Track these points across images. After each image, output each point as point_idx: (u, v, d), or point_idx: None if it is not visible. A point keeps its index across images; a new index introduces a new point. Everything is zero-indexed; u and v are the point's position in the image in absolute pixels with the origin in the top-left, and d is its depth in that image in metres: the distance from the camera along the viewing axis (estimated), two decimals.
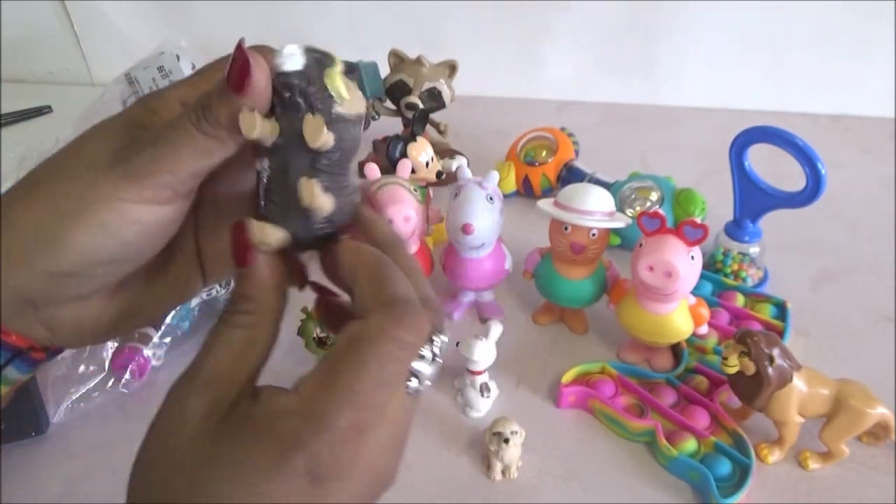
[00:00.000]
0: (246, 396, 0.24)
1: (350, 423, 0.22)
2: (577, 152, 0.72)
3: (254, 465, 0.22)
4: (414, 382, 0.25)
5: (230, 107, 0.24)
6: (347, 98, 0.24)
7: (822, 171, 0.50)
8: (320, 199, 0.25)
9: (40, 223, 0.24)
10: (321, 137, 0.24)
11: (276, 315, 0.26)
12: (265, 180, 0.25)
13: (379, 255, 0.25)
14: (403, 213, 0.47)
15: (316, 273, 0.28)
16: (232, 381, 0.24)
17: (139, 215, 0.25)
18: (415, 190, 0.49)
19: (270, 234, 0.25)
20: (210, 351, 0.25)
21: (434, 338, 0.25)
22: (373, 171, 0.50)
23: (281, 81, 0.24)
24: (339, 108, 0.24)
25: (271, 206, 0.25)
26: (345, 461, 0.22)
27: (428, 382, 0.25)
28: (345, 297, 0.28)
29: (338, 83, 0.24)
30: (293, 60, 0.24)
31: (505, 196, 0.71)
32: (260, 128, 0.24)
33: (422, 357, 0.25)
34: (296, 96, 0.24)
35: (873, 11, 0.81)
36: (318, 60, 0.24)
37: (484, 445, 0.43)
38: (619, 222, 0.49)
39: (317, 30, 0.97)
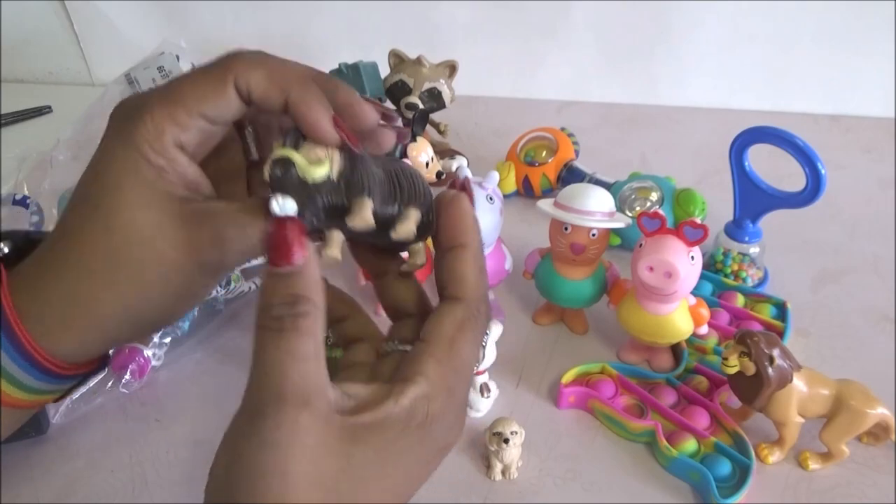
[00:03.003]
0: (341, 398, 0.24)
1: (466, 395, 0.27)
2: (577, 152, 0.72)
3: (416, 459, 0.25)
4: None
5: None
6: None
7: (822, 172, 0.50)
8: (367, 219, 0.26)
9: (133, 321, 0.28)
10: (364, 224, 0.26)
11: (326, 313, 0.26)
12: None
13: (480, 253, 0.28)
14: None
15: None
16: (324, 389, 0.24)
17: (213, 286, 0.30)
18: None
19: (335, 248, 0.26)
20: (288, 364, 0.23)
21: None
22: None
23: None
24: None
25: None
26: (458, 427, 0.27)
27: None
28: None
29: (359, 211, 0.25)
30: (285, 207, 0.24)
31: (505, 196, 0.71)
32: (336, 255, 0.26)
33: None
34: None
35: (873, 11, 0.81)
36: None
37: (484, 445, 0.43)
38: (619, 222, 0.49)
39: (317, 30, 0.97)
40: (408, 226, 0.27)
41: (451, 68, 0.74)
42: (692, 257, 0.44)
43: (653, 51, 0.90)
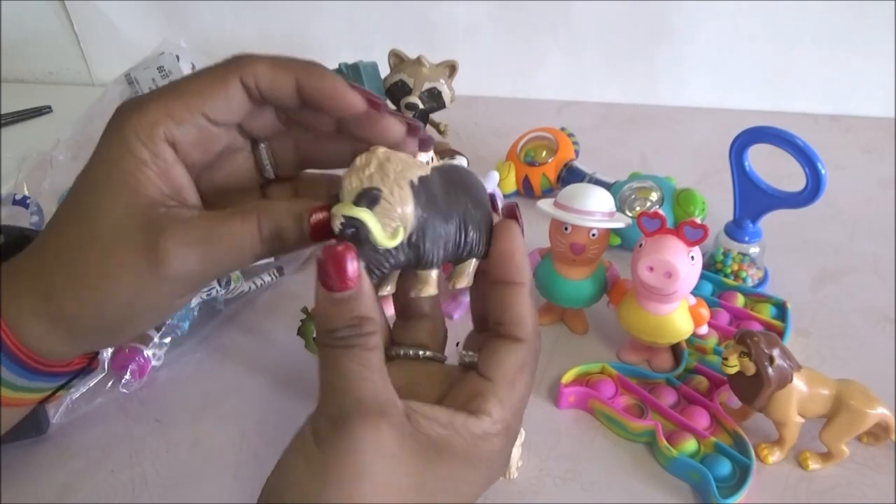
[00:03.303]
0: (408, 411, 0.25)
1: (518, 431, 0.29)
2: (577, 152, 0.72)
3: (470, 486, 0.27)
4: None
5: (302, 244, 0.26)
6: (386, 237, 0.25)
7: (822, 172, 0.50)
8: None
9: (94, 323, 0.27)
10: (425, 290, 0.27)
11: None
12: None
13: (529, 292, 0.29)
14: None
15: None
16: (395, 401, 0.25)
17: (183, 301, 0.28)
18: None
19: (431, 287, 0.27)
20: (365, 375, 0.24)
21: None
22: None
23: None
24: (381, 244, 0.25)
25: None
26: (507, 461, 0.29)
27: None
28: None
29: (376, 235, 0.25)
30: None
31: (505, 196, 0.71)
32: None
33: None
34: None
35: (873, 11, 0.81)
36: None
37: None
38: (619, 222, 0.49)
39: (317, 30, 0.97)
40: (465, 277, 0.28)
41: (451, 68, 0.74)
42: (692, 257, 0.44)
43: (653, 51, 0.90)
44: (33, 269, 0.27)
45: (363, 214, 0.24)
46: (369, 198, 0.25)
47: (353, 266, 0.24)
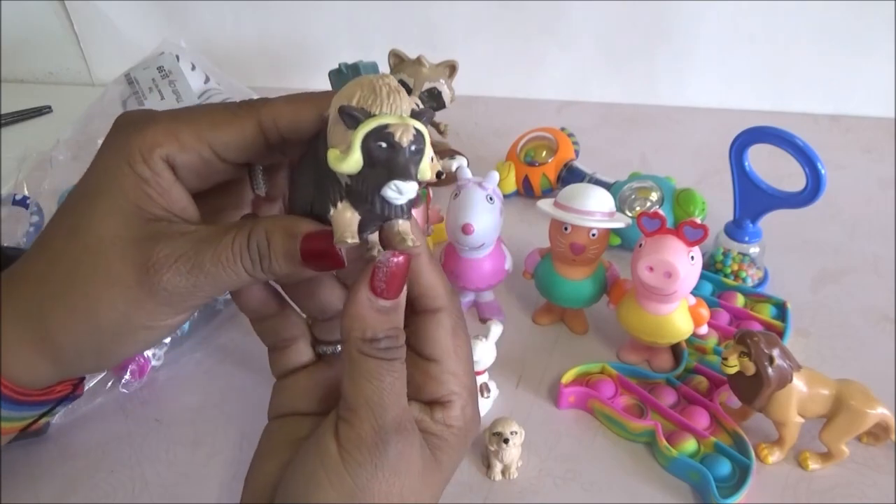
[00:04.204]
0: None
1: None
2: (577, 152, 0.72)
3: (458, 457, 0.28)
4: None
5: (295, 269, 0.25)
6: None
7: (822, 172, 0.50)
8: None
9: (81, 343, 0.26)
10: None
11: None
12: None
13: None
14: None
15: None
16: (412, 417, 0.26)
17: (174, 322, 0.27)
18: None
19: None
20: (401, 394, 0.25)
21: None
22: None
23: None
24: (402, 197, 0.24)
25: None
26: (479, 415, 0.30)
27: None
28: None
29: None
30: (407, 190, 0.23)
31: (505, 196, 0.71)
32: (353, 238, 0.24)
33: None
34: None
35: (873, 11, 0.81)
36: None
37: (484, 445, 0.43)
38: (619, 222, 0.49)
39: (317, 30, 0.97)
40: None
41: (451, 68, 0.74)
42: (692, 257, 0.44)
43: (653, 51, 0.90)
44: (19, 286, 0.26)
45: (425, 131, 0.23)
46: (428, 116, 0.24)
47: (406, 278, 0.24)
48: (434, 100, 0.73)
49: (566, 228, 0.48)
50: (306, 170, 0.26)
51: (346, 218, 0.23)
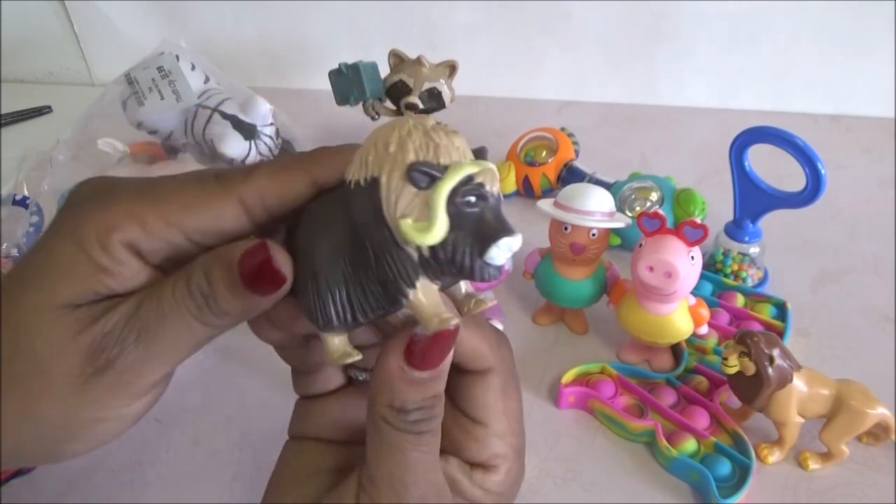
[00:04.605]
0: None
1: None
2: (577, 152, 0.72)
3: None
4: None
5: (244, 301, 0.21)
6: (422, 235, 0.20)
7: (822, 172, 0.50)
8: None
9: (24, 445, 0.22)
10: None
11: None
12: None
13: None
14: None
15: None
16: (448, 491, 0.24)
17: (133, 410, 0.23)
18: None
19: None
20: (430, 471, 0.22)
21: None
22: None
23: None
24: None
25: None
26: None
27: None
28: None
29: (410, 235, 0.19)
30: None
31: (505, 196, 0.71)
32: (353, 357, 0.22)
33: None
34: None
35: (873, 11, 0.81)
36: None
37: None
38: (619, 222, 0.49)
39: (317, 30, 0.97)
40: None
41: (451, 68, 0.74)
42: (692, 257, 0.44)
43: (653, 51, 0.90)
44: None
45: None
46: (483, 151, 0.22)
47: (453, 345, 0.21)
48: (434, 100, 0.73)
49: (566, 228, 0.48)
50: (326, 251, 0.21)
51: (435, 297, 0.20)
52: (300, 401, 0.28)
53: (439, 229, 0.19)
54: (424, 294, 0.20)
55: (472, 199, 0.19)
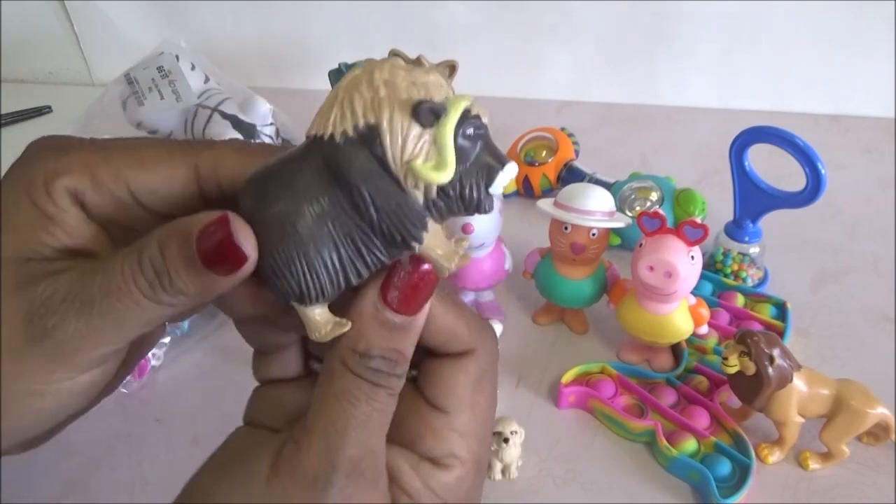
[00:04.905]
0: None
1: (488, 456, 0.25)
2: (577, 152, 0.72)
3: None
4: None
5: (201, 280, 0.19)
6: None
7: (822, 171, 0.50)
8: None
9: None
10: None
11: None
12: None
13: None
14: None
15: None
16: (383, 470, 0.21)
17: (75, 384, 0.21)
18: None
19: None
20: (373, 431, 0.20)
21: None
22: None
23: None
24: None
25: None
26: (481, 490, 0.25)
27: None
28: None
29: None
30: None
31: (505, 196, 0.71)
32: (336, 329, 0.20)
33: None
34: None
35: (873, 11, 0.81)
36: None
37: None
38: (619, 222, 0.49)
39: (317, 30, 0.97)
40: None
41: (451, 68, 0.74)
42: (692, 257, 0.44)
43: (653, 51, 0.90)
44: None
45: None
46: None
47: (432, 291, 0.20)
48: None
49: (566, 228, 0.48)
50: (308, 216, 0.19)
51: (443, 237, 0.20)
52: (258, 387, 0.26)
53: (452, 165, 0.18)
54: (434, 236, 0.19)
55: (472, 131, 0.19)
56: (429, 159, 0.18)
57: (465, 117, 0.19)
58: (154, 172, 0.21)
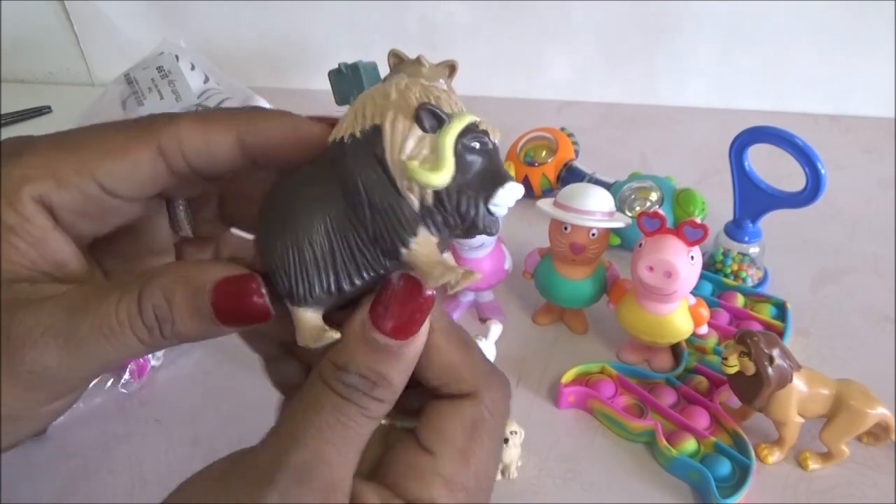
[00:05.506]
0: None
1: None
2: (577, 152, 0.72)
3: None
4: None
5: (210, 329, 0.19)
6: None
7: (822, 171, 0.50)
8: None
9: None
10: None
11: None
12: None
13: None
14: None
15: None
16: (348, 485, 0.19)
17: (53, 408, 0.20)
18: None
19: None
20: (333, 445, 0.19)
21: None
22: None
23: None
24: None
25: None
26: None
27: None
28: None
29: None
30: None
31: None
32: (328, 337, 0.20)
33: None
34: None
35: (873, 11, 0.81)
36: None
37: None
38: (619, 222, 0.49)
39: (317, 30, 0.97)
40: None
41: (450, 68, 0.74)
42: (692, 257, 0.44)
43: (653, 51, 0.90)
44: None
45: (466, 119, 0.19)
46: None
47: (426, 317, 0.19)
48: None
49: (566, 228, 0.48)
50: (307, 214, 0.20)
51: (435, 249, 0.19)
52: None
53: (448, 170, 0.18)
54: (424, 245, 0.19)
55: (477, 145, 0.19)
56: (426, 163, 0.18)
57: (472, 129, 0.19)
58: (118, 161, 0.20)
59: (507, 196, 0.19)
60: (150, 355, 0.50)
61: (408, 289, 0.19)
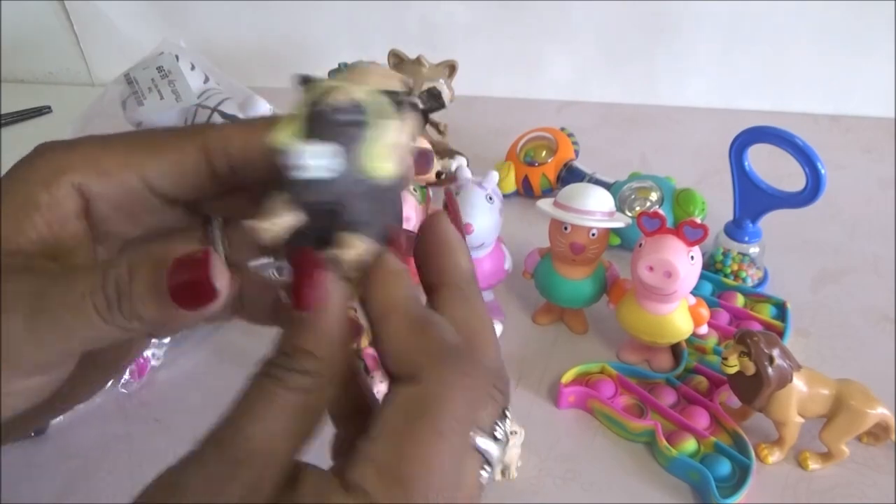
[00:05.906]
0: (288, 479, 0.19)
1: None
2: (576, 152, 0.72)
3: None
4: (484, 472, 0.21)
5: (165, 312, 0.19)
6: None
7: (822, 171, 0.50)
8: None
9: None
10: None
11: (338, 378, 0.20)
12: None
13: (415, 292, 0.21)
14: (403, 214, 0.47)
15: None
16: (276, 459, 0.18)
17: (20, 386, 0.20)
18: (415, 190, 0.49)
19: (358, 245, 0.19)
20: (251, 417, 0.19)
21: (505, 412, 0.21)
22: None
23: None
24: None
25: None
26: None
27: (491, 470, 0.21)
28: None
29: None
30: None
31: (505, 196, 0.71)
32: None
33: (493, 435, 0.21)
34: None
35: (873, 11, 0.81)
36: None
37: None
38: (619, 222, 0.49)
39: (317, 30, 0.97)
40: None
41: (450, 68, 0.74)
42: (692, 257, 0.44)
43: (653, 51, 0.90)
44: None
45: (385, 109, 0.19)
46: (404, 99, 0.20)
47: (322, 284, 0.19)
48: (434, 100, 0.73)
49: (566, 228, 0.48)
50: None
51: (276, 205, 0.19)
52: None
53: (291, 128, 0.19)
54: (273, 201, 0.19)
55: (317, 108, 0.19)
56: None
57: (324, 94, 0.18)
58: (164, 155, 0.21)
59: (309, 158, 0.18)
60: (150, 355, 0.50)
61: (299, 261, 0.19)
